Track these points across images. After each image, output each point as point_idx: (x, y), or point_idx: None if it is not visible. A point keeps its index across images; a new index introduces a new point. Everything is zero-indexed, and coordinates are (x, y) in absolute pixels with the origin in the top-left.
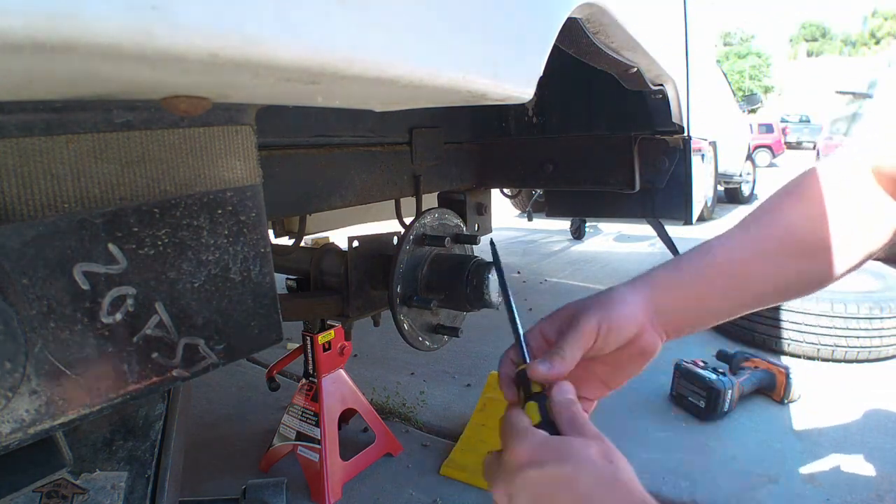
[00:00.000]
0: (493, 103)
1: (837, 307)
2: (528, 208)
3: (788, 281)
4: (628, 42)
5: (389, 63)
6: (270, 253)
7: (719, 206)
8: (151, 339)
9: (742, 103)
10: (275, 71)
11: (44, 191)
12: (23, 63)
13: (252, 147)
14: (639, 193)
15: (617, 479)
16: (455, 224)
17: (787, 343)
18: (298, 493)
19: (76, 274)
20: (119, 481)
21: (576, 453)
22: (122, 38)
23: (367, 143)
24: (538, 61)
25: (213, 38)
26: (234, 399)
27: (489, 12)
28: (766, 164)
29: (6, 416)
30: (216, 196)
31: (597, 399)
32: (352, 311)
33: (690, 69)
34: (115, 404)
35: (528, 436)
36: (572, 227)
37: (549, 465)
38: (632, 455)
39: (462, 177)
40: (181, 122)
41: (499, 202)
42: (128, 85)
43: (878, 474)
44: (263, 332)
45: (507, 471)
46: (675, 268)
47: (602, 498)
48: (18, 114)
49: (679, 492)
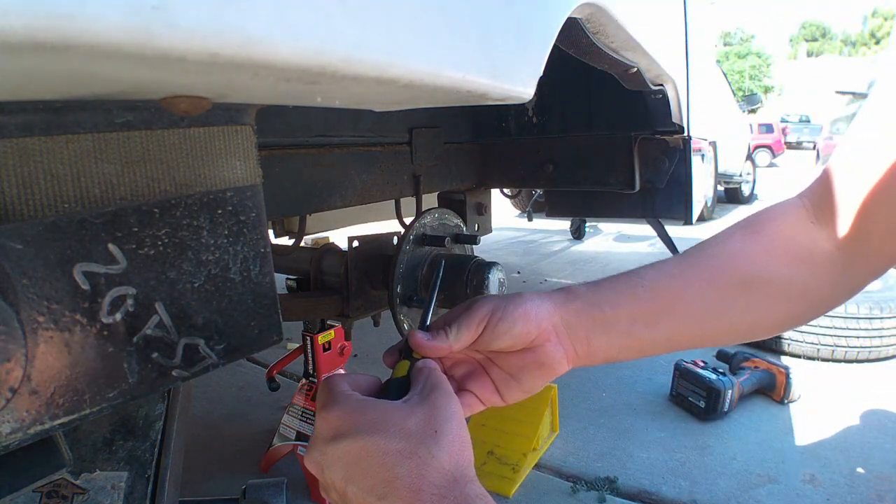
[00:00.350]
0: (493, 103)
1: (837, 307)
2: (528, 208)
3: (730, 315)
4: (628, 42)
5: (389, 63)
6: (270, 253)
7: (719, 206)
8: (151, 339)
9: (742, 103)
10: (275, 71)
11: (44, 191)
12: (23, 63)
13: (252, 147)
14: (639, 193)
15: (431, 454)
16: (455, 224)
17: (787, 343)
18: (298, 493)
19: (76, 274)
20: (119, 481)
21: (391, 422)
22: (122, 38)
23: (367, 143)
24: (538, 61)
25: (213, 38)
26: (234, 399)
27: (489, 12)
28: (766, 164)
29: (6, 416)
30: (216, 196)
31: (488, 405)
32: (352, 311)
33: (690, 69)
34: (115, 404)
35: (341, 401)
36: (572, 227)
37: (361, 434)
38: (632, 455)
39: (462, 177)
40: (181, 122)
41: (499, 202)
42: (128, 85)
43: (878, 474)
44: (263, 332)
45: (320, 439)
46: (596, 285)
47: (409, 471)
48: (18, 114)
49: (679, 492)
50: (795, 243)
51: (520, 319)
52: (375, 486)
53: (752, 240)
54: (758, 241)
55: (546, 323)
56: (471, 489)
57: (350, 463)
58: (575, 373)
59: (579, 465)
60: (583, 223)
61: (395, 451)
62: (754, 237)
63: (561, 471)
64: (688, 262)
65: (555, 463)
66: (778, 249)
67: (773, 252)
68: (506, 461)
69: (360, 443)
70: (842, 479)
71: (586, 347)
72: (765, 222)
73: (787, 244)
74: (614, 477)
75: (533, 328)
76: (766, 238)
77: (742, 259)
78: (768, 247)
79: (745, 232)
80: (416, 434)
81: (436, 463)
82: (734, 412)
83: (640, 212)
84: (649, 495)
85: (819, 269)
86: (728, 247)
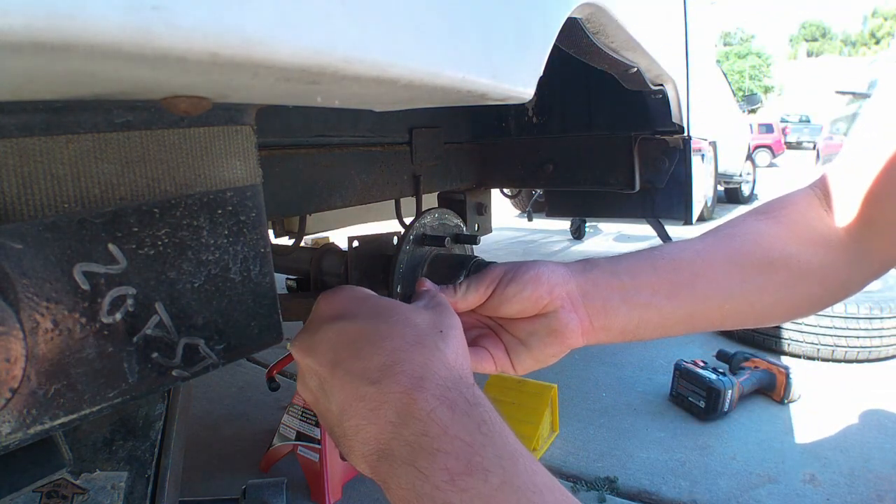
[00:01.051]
0: (493, 103)
1: (837, 307)
2: (528, 208)
3: (750, 294)
4: (628, 42)
5: (390, 63)
6: (270, 253)
7: (719, 206)
8: (151, 339)
9: (742, 103)
10: (275, 71)
11: (44, 191)
12: (23, 63)
13: (252, 147)
14: (639, 193)
15: (437, 347)
16: (455, 224)
17: (787, 343)
18: (298, 493)
19: (76, 274)
20: (119, 481)
21: (398, 314)
22: (122, 38)
23: (367, 143)
24: (538, 61)
25: (213, 38)
26: (234, 399)
27: (489, 12)
28: (766, 164)
29: (6, 416)
30: (216, 196)
31: (500, 368)
32: None
33: (690, 69)
34: (115, 404)
35: (348, 288)
36: (572, 227)
37: (361, 318)
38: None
39: (462, 177)
40: (181, 122)
41: (499, 202)
42: (128, 85)
43: (878, 474)
44: (263, 332)
45: (316, 319)
46: (615, 257)
47: (412, 357)
48: (18, 114)
49: (679, 492)
50: (812, 227)
51: (530, 282)
52: (370, 369)
53: (771, 223)
54: (776, 224)
55: (560, 290)
56: (476, 391)
57: (344, 343)
58: (575, 373)
59: (579, 465)
60: (583, 223)
61: (400, 335)
62: (772, 220)
63: (561, 471)
64: (708, 241)
65: (555, 463)
66: (796, 232)
67: (792, 234)
68: None
69: (360, 324)
70: (842, 479)
71: (603, 319)
72: (780, 208)
73: (805, 228)
74: (614, 477)
75: (544, 293)
76: (784, 222)
77: (762, 240)
78: (787, 229)
79: (762, 216)
80: (423, 328)
81: (441, 356)
82: (734, 412)
83: (640, 212)
84: (649, 495)
85: (835, 252)
86: (747, 228)
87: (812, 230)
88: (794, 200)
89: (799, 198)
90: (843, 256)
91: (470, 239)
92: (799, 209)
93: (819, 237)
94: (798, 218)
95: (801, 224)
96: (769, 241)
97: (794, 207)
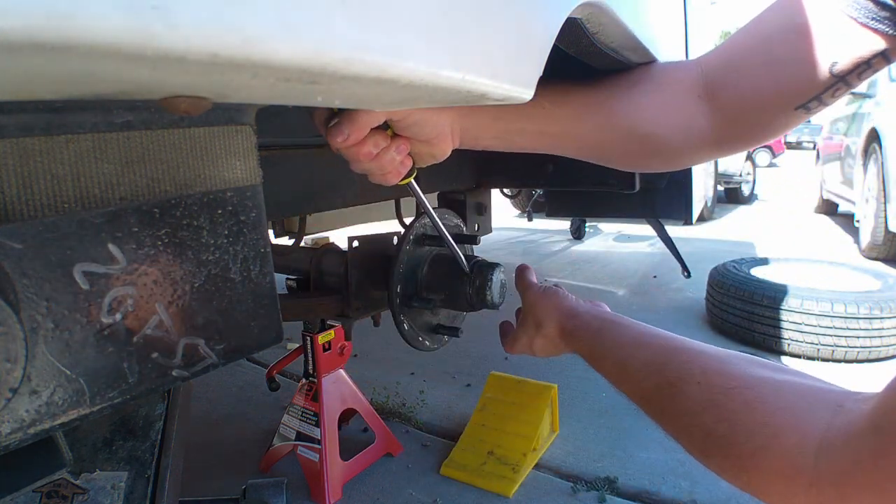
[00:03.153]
0: (493, 103)
1: (837, 307)
2: (528, 208)
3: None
4: (628, 42)
5: (390, 63)
6: (270, 253)
7: (719, 205)
8: (151, 339)
9: None
10: (275, 71)
11: (44, 191)
12: (23, 63)
13: (252, 147)
14: (639, 193)
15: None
16: (455, 224)
17: (787, 343)
18: (298, 493)
19: (76, 274)
20: (119, 481)
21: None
22: (121, 38)
23: None
24: (538, 61)
25: (213, 38)
26: (234, 399)
27: (489, 12)
28: (766, 163)
29: (6, 416)
30: (216, 196)
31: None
32: (352, 311)
33: None
34: (115, 404)
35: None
36: (572, 227)
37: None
38: (632, 455)
39: (462, 177)
40: (181, 122)
41: (499, 202)
42: (128, 85)
43: None
44: (263, 332)
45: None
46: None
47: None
48: (18, 114)
49: (679, 492)
50: (682, 112)
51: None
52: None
53: (652, 98)
54: (655, 99)
55: (446, 129)
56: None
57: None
58: (575, 373)
59: (579, 465)
60: (583, 223)
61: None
62: (654, 96)
63: (561, 471)
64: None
65: (555, 463)
66: (668, 114)
67: (663, 114)
68: (506, 461)
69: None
70: None
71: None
72: (665, 85)
73: (676, 111)
74: (614, 477)
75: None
76: (661, 99)
77: (638, 114)
78: (661, 109)
79: (648, 88)
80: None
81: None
82: None
83: (641, 212)
84: (649, 495)
85: (693, 139)
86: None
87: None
88: (677, 79)
89: (683, 77)
90: (698, 143)
91: (470, 239)
92: (680, 90)
93: (685, 122)
94: (674, 100)
95: (674, 106)
96: (642, 117)
97: (675, 87)
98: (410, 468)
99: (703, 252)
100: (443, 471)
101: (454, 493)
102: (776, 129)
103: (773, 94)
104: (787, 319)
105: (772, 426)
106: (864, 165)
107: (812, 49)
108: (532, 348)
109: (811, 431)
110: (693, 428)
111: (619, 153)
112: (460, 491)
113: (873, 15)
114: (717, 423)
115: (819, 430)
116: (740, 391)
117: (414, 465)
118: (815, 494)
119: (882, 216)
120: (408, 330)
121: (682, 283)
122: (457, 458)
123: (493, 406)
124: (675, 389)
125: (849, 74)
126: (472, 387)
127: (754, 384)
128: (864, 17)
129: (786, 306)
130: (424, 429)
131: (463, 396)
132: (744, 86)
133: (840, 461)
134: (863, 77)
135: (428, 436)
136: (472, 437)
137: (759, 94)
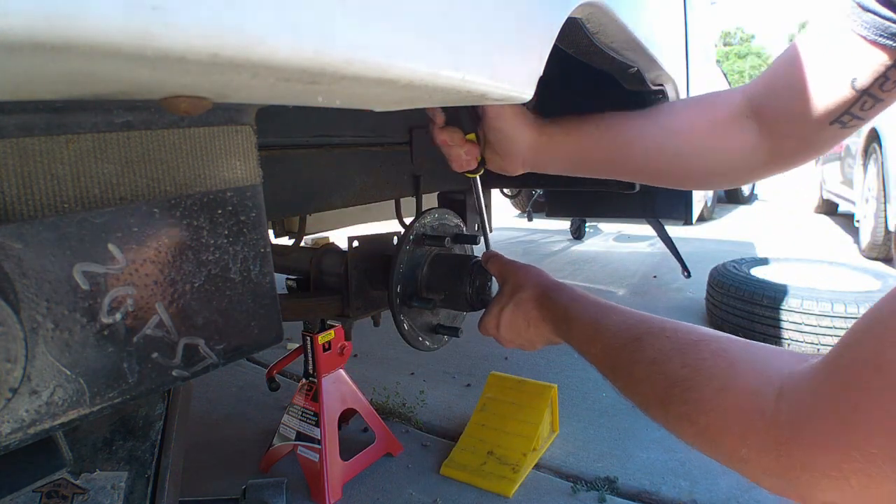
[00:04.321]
0: (493, 104)
1: (837, 307)
2: (528, 208)
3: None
4: (628, 42)
5: (390, 63)
6: (270, 253)
7: (719, 205)
8: (151, 339)
9: None
10: (275, 71)
11: (44, 191)
12: (23, 63)
13: (252, 147)
14: (639, 194)
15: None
16: (455, 224)
17: (788, 343)
18: (298, 493)
19: (76, 274)
20: (119, 481)
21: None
22: (121, 38)
23: (367, 143)
24: (538, 61)
25: (213, 39)
26: (234, 399)
27: (489, 13)
28: None
29: (6, 416)
30: (216, 196)
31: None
32: (352, 311)
33: (690, 69)
34: (115, 404)
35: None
36: (572, 227)
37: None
38: (632, 455)
39: (462, 177)
40: (181, 122)
41: (499, 202)
42: (128, 85)
43: None
44: (263, 332)
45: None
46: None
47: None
48: (18, 114)
49: (679, 492)
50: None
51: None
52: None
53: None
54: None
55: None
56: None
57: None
58: (575, 373)
59: (579, 465)
60: (583, 223)
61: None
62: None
63: (561, 471)
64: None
65: (555, 463)
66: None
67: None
68: (506, 461)
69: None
70: None
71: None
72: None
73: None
74: (614, 477)
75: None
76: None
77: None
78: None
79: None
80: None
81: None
82: None
83: (641, 212)
84: (649, 495)
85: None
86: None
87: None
88: (725, 101)
89: (731, 100)
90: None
91: (470, 239)
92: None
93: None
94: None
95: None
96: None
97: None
98: (410, 468)
99: (703, 252)
100: (443, 471)
101: (454, 493)
102: (822, 144)
103: (807, 113)
104: (788, 319)
105: (735, 369)
106: (864, 165)
107: (830, 69)
108: (500, 318)
109: (773, 376)
110: (657, 375)
111: (678, 174)
112: (460, 491)
113: (881, 32)
114: (681, 368)
115: (781, 375)
116: (707, 342)
117: (414, 465)
118: (772, 433)
119: (882, 216)
120: (408, 330)
121: (682, 283)
122: (457, 458)
123: (493, 406)
124: (645, 343)
125: (871, 88)
126: (471, 387)
127: (722, 339)
128: (873, 34)
129: (786, 306)
130: (424, 429)
131: (463, 396)
132: (781, 106)
133: (799, 399)
134: (886, 88)
135: (428, 436)
136: (472, 437)
137: (794, 114)
